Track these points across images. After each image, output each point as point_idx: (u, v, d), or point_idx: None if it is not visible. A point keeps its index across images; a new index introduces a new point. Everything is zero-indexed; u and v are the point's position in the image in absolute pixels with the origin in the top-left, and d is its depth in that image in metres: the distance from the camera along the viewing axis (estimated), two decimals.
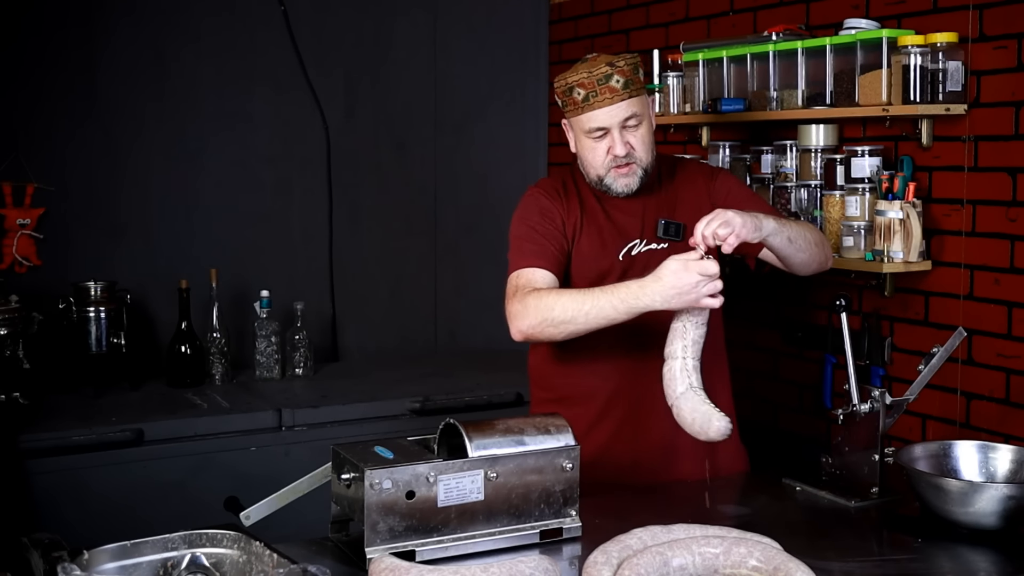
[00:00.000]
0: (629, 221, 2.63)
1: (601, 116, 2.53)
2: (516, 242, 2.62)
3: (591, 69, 2.52)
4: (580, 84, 2.53)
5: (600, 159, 2.56)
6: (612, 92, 2.51)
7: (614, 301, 2.38)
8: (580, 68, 2.55)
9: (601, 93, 2.51)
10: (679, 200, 2.66)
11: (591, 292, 2.41)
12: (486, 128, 4.47)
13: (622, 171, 2.56)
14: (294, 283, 4.10)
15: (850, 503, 2.45)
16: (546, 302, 2.43)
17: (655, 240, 2.62)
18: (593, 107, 2.53)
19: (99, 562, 1.89)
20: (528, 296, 2.46)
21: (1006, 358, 2.80)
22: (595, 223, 2.63)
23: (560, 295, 2.44)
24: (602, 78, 2.51)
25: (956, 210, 2.91)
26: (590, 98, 2.52)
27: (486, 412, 3.57)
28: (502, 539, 2.11)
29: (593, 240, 2.62)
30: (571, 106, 2.57)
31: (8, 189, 3.67)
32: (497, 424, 2.16)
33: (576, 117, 2.57)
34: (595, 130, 2.54)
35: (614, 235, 2.63)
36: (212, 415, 3.38)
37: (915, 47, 2.83)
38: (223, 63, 3.99)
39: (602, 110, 2.52)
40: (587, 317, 2.40)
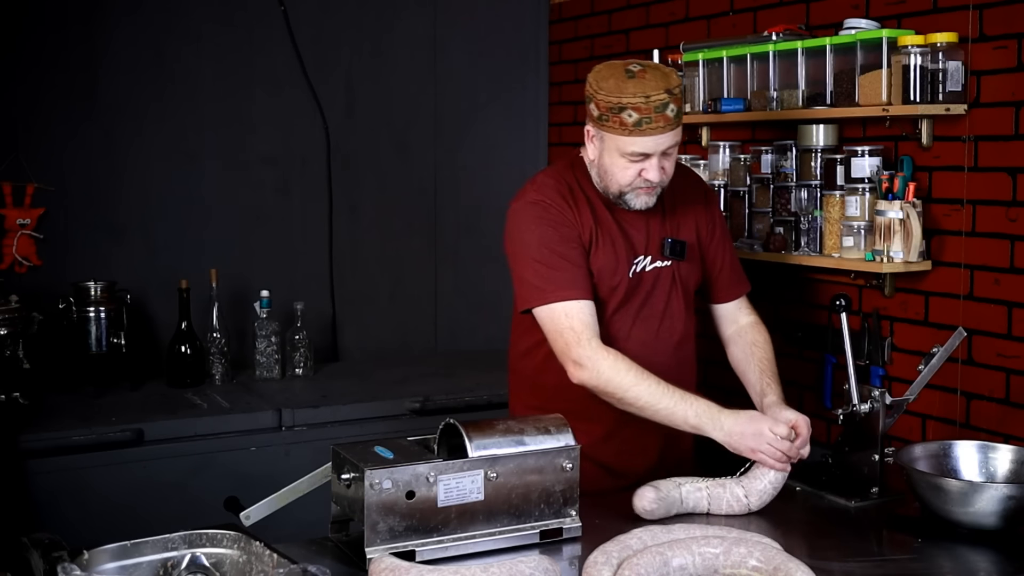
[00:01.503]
0: (637, 235, 2.58)
1: (648, 143, 2.40)
2: (542, 267, 2.47)
3: (647, 93, 2.36)
4: (635, 107, 2.36)
5: (629, 179, 2.46)
6: (666, 121, 2.39)
7: (689, 416, 2.39)
8: (631, 86, 2.37)
9: (655, 121, 2.37)
10: (680, 216, 2.64)
11: (670, 393, 2.39)
12: (486, 128, 4.47)
13: (645, 190, 2.49)
14: (294, 283, 4.10)
15: (850, 503, 2.45)
16: (625, 379, 2.39)
17: (660, 257, 2.60)
18: (644, 133, 2.39)
19: (99, 562, 1.89)
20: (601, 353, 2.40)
21: (1006, 358, 2.80)
22: (609, 235, 2.55)
23: (640, 379, 2.39)
24: (660, 106, 2.37)
25: (956, 210, 2.91)
26: (643, 124, 2.38)
27: (486, 412, 3.57)
28: (502, 539, 2.11)
29: (608, 254, 2.54)
30: (616, 125, 2.40)
31: (8, 189, 3.67)
32: (497, 424, 2.16)
33: (618, 137, 2.41)
34: (636, 154, 2.42)
35: (625, 249, 2.56)
36: (212, 415, 3.38)
37: (915, 47, 2.83)
38: (223, 63, 3.99)
39: (651, 138, 2.40)
40: (655, 415, 2.41)
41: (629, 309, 2.57)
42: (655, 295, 2.59)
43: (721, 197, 3.41)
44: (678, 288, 2.62)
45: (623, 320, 2.57)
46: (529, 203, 2.53)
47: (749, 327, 2.74)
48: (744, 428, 2.37)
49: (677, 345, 2.64)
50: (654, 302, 2.59)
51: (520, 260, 2.51)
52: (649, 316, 2.59)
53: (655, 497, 2.26)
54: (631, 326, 2.57)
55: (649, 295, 2.59)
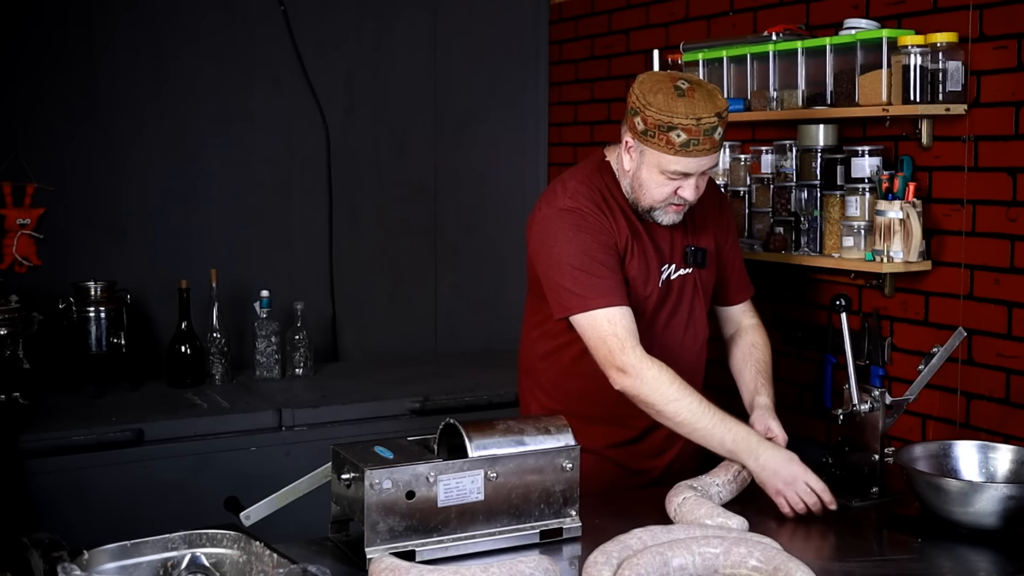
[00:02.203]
0: (663, 244, 2.60)
1: (691, 164, 2.40)
2: (582, 275, 2.44)
3: (699, 115, 2.34)
4: (685, 128, 2.34)
5: (664, 195, 2.46)
6: (712, 144, 2.38)
7: (726, 441, 2.38)
8: (681, 106, 2.34)
9: (703, 143, 2.36)
10: (699, 223, 2.66)
11: (711, 414, 2.38)
12: (486, 128, 4.47)
13: (676, 208, 2.49)
14: (294, 283, 4.10)
15: (850, 503, 2.45)
16: (668, 392, 2.38)
17: (682, 265, 2.62)
18: (690, 155, 2.37)
19: (99, 562, 1.89)
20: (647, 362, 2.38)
21: (1006, 358, 2.80)
22: (641, 245, 2.55)
23: (682, 394, 2.37)
24: (709, 129, 2.35)
25: (956, 210, 2.91)
26: (691, 145, 2.36)
27: (486, 412, 3.57)
28: (502, 539, 2.11)
29: (641, 265, 2.55)
30: (662, 143, 2.37)
31: (8, 189, 3.67)
32: (497, 424, 2.16)
33: (662, 155, 2.39)
34: (677, 173, 2.41)
35: (655, 259, 2.58)
36: (212, 415, 3.38)
37: (915, 47, 2.83)
38: (223, 63, 3.99)
39: (696, 159, 2.39)
40: (692, 432, 2.41)
41: (660, 317, 2.60)
42: (682, 303, 2.63)
43: None
44: (700, 295, 2.66)
45: (653, 328, 2.58)
46: (564, 210, 2.49)
47: (750, 329, 2.79)
48: (780, 467, 2.37)
49: (699, 352, 2.69)
50: (681, 310, 2.63)
51: (557, 267, 2.47)
52: (676, 324, 2.62)
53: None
54: (662, 334, 2.60)
55: (677, 303, 2.62)
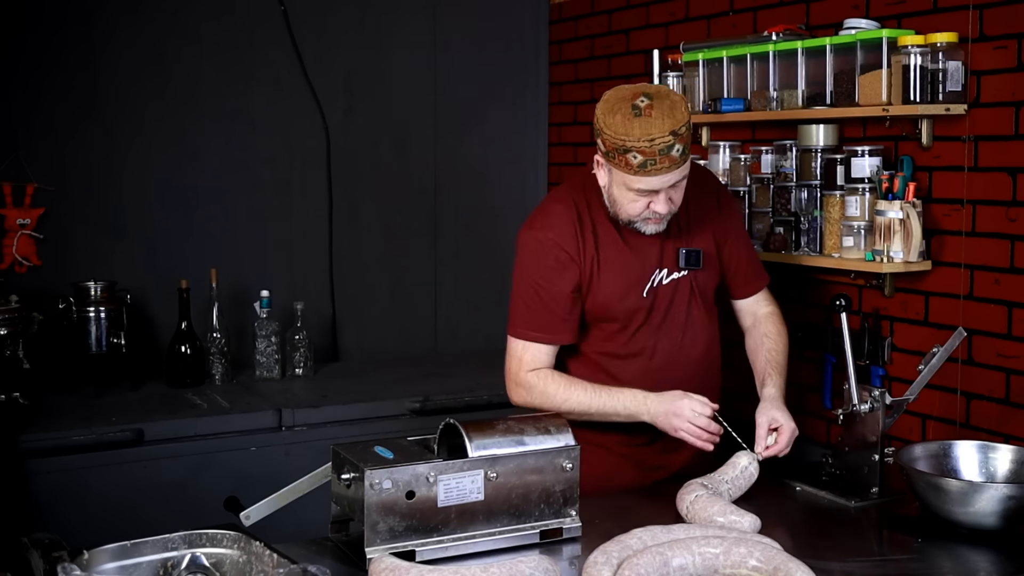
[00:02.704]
0: (650, 250, 2.60)
1: (654, 182, 2.42)
2: (522, 304, 2.60)
3: (652, 135, 2.34)
4: (639, 150, 2.35)
5: (638, 211, 2.49)
6: (671, 162, 2.38)
7: (619, 408, 2.56)
8: (636, 127, 2.35)
9: (660, 162, 2.37)
10: (693, 224, 2.66)
11: (599, 392, 2.56)
12: (486, 128, 4.47)
13: (655, 220, 2.52)
14: (294, 283, 4.10)
15: (850, 503, 2.45)
16: (555, 396, 2.55)
17: (675, 268, 2.63)
18: (649, 174, 2.39)
19: (99, 562, 1.89)
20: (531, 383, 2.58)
21: (1006, 358, 2.80)
22: (615, 256, 2.58)
23: (570, 389, 2.56)
24: (664, 148, 2.35)
25: (956, 210, 2.91)
26: (648, 165, 2.38)
27: (486, 412, 3.57)
28: (502, 539, 2.12)
29: (616, 277, 2.57)
30: (621, 164, 2.40)
31: (8, 189, 3.67)
32: (497, 424, 2.16)
33: (624, 175, 2.42)
34: (642, 191, 2.44)
35: (636, 269, 2.59)
36: (212, 415, 3.38)
37: (915, 47, 2.83)
38: (223, 63, 3.99)
39: (657, 177, 2.40)
40: (593, 415, 2.57)
41: (650, 325, 2.62)
42: (675, 307, 2.63)
43: None
44: (697, 297, 2.66)
45: (645, 337, 2.62)
46: (534, 238, 2.60)
47: (765, 318, 2.79)
48: (667, 405, 2.52)
49: (702, 355, 2.68)
50: (674, 314, 2.63)
51: (513, 289, 2.64)
52: (671, 329, 2.63)
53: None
54: (655, 342, 2.62)
55: (669, 308, 2.62)
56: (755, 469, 2.44)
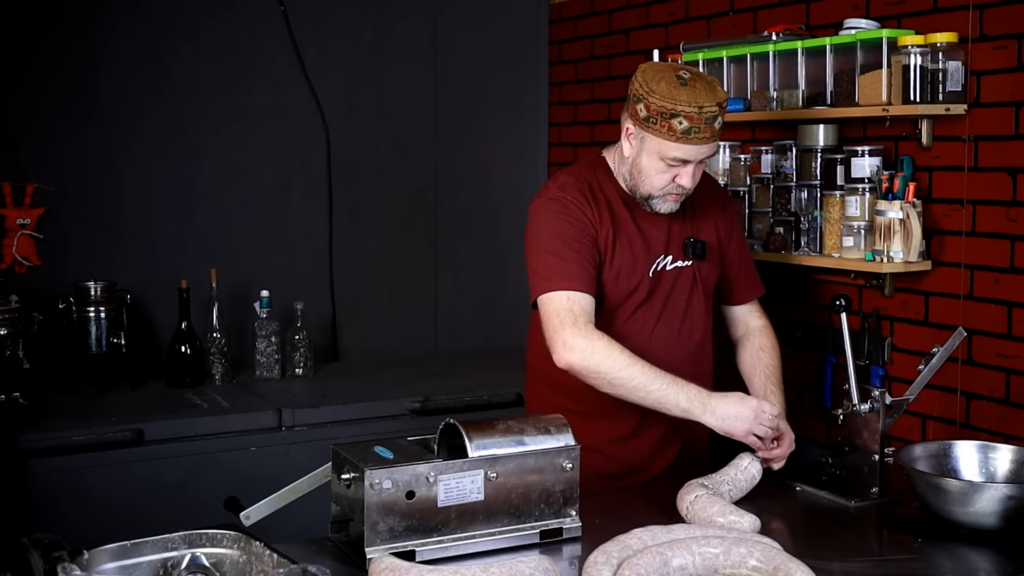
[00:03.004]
0: (657, 235, 2.62)
1: (691, 151, 2.44)
2: (552, 258, 2.50)
3: (700, 103, 2.39)
4: (687, 116, 2.39)
5: (663, 183, 2.50)
6: (712, 133, 2.43)
7: (680, 400, 2.41)
8: (684, 94, 2.39)
9: (704, 131, 2.41)
10: (699, 216, 2.68)
11: (662, 377, 2.41)
12: (486, 128, 4.47)
13: (675, 196, 2.54)
14: (294, 283, 4.10)
15: (850, 503, 2.45)
16: (617, 360, 2.40)
17: (681, 257, 2.63)
18: (691, 142, 2.42)
19: (99, 562, 1.89)
20: (595, 336, 2.42)
21: (1006, 358, 2.80)
22: (627, 235, 2.59)
23: (632, 361, 2.40)
24: (710, 117, 2.40)
25: (956, 210, 2.91)
26: (692, 132, 2.41)
27: (486, 412, 3.57)
28: (502, 539, 2.11)
29: (626, 255, 2.58)
30: (664, 130, 2.42)
31: (8, 189, 3.67)
32: (497, 424, 2.16)
33: (663, 141, 2.44)
34: (677, 160, 2.46)
35: (644, 249, 2.60)
36: (212, 415, 3.38)
37: (915, 47, 2.83)
38: (223, 63, 3.99)
39: (695, 147, 2.44)
40: (646, 396, 2.42)
41: (651, 308, 2.61)
42: (676, 294, 2.63)
43: None
44: (699, 288, 2.66)
45: (645, 319, 2.61)
46: (550, 199, 2.56)
47: (759, 331, 2.79)
48: (737, 411, 2.42)
49: (697, 345, 2.68)
50: (675, 301, 2.64)
51: (533, 252, 2.54)
52: (671, 315, 2.63)
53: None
54: (653, 325, 2.62)
55: (670, 294, 2.63)
56: (756, 470, 2.44)
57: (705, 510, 2.21)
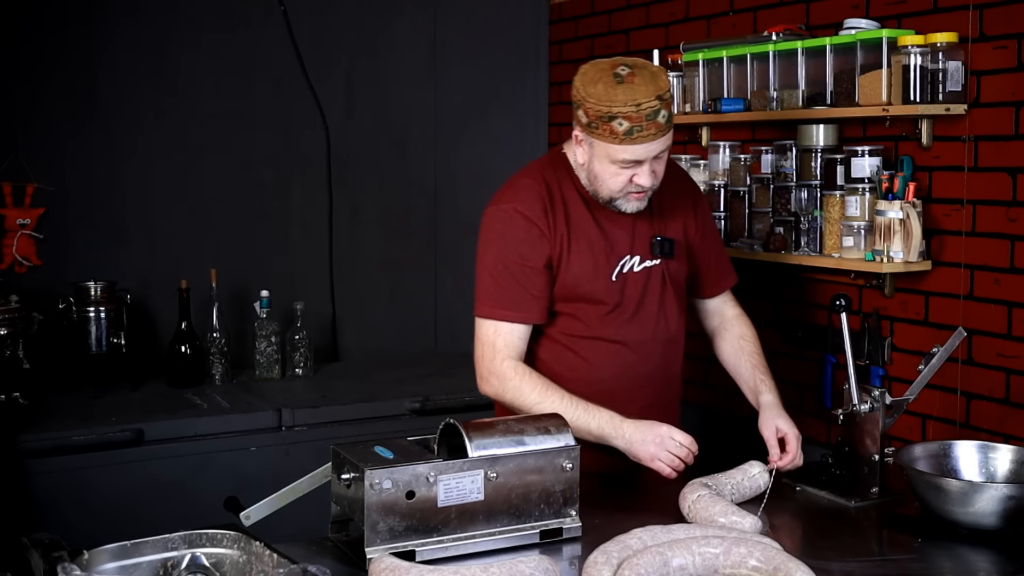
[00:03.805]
0: (621, 235, 2.55)
1: (639, 151, 2.36)
2: (491, 280, 2.49)
3: (638, 100, 2.31)
4: (626, 116, 2.31)
5: (620, 184, 2.43)
6: (657, 128, 2.33)
7: (592, 427, 2.44)
8: (620, 93, 2.32)
9: (646, 129, 2.32)
10: (667, 212, 2.61)
11: (575, 405, 2.43)
12: (486, 128, 4.47)
13: (638, 195, 2.46)
14: (294, 283, 4.10)
15: (850, 503, 2.45)
16: (528, 396, 2.44)
17: (648, 256, 2.57)
18: (635, 141, 2.34)
19: (99, 562, 1.89)
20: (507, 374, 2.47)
21: (1006, 358, 2.80)
22: (585, 237, 2.52)
23: (546, 393, 2.44)
24: (651, 113, 2.31)
25: (956, 210, 2.91)
26: (634, 132, 2.33)
27: (486, 412, 3.55)
28: (502, 539, 2.11)
29: (584, 258, 2.52)
30: (606, 133, 2.35)
31: (8, 189, 3.67)
32: (497, 424, 2.16)
33: (608, 145, 2.37)
34: (627, 161, 2.38)
35: (606, 251, 2.53)
36: (212, 415, 3.38)
37: (915, 47, 2.83)
38: (223, 63, 3.99)
39: (643, 145, 2.35)
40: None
41: (623, 311, 2.56)
42: (648, 295, 2.58)
43: (721, 197, 3.41)
44: (669, 286, 2.61)
45: (616, 322, 2.56)
46: (502, 210, 2.51)
47: (734, 320, 2.75)
48: (644, 435, 2.42)
49: (668, 344, 2.63)
50: (648, 303, 2.59)
51: (479, 267, 2.54)
52: (645, 318, 2.58)
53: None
54: (626, 328, 2.57)
55: (643, 296, 2.58)
56: (764, 480, 2.41)
57: (707, 510, 2.21)
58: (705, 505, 2.22)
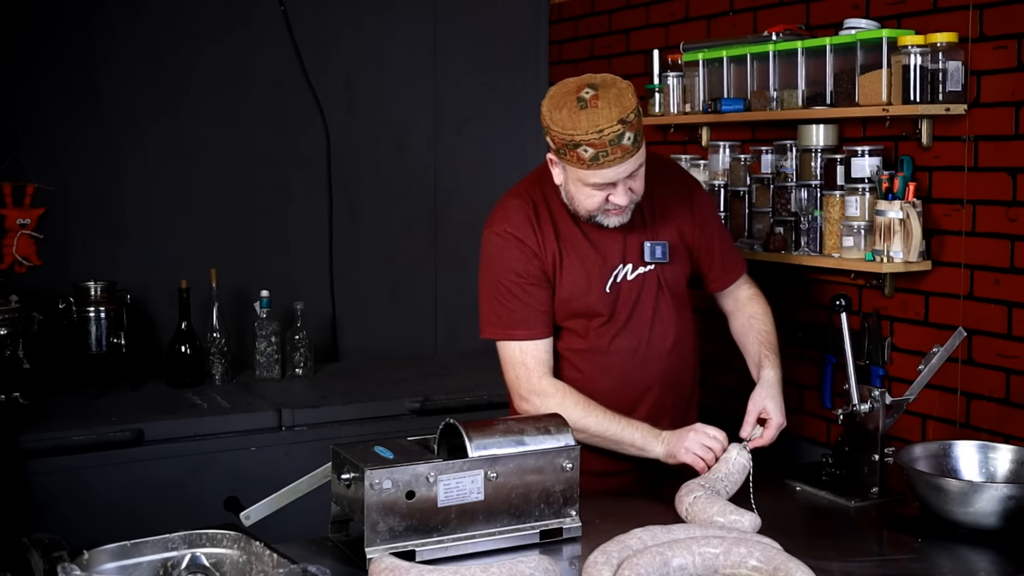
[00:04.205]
0: (612, 245, 2.55)
1: (609, 174, 2.35)
2: (496, 302, 2.51)
3: (600, 127, 2.28)
4: (589, 143, 2.30)
5: (596, 204, 2.43)
6: (624, 151, 2.32)
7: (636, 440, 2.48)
8: (583, 120, 2.29)
9: (612, 153, 2.31)
10: (659, 217, 2.60)
11: (616, 421, 2.48)
12: (486, 128, 4.47)
13: (616, 212, 2.46)
14: (294, 283, 4.10)
15: (850, 503, 2.45)
16: (571, 414, 2.39)
17: (641, 263, 2.57)
18: (603, 166, 2.33)
19: (99, 562, 1.89)
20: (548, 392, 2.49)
21: (1006, 358, 2.80)
22: (576, 251, 2.53)
23: (588, 412, 2.47)
24: (614, 138, 2.29)
25: (956, 210, 2.91)
26: (600, 158, 2.32)
27: (486, 412, 3.57)
28: (502, 539, 2.12)
29: (576, 273, 2.52)
30: (573, 159, 2.35)
31: (8, 189, 3.67)
32: (497, 424, 2.16)
33: (577, 170, 2.37)
34: (600, 184, 2.38)
35: (598, 264, 2.54)
36: (212, 415, 3.38)
37: (915, 47, 2.83)
38: (223, 63, 3.99)
39: (611, 169, 2.34)
40: (605, 441, 2.50)
41: (615, 322, 2.56)
42: (641, 303, 2.57)
43: (721, 197, 3.40)
44: (665, 292, 2.60)
45: (607, 333, 2.56)
46: (494, 233, 2.53)
47: (748, 300, 2.74)
48: (680, 438, 2.46)
49: (671, 350, 2.62)
50: (641, 311, 2.57)
51: (483, 290, 2.56)
52: (638, 326, 2.57)
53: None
54: (617, 339, 2.56)
55: (636, 305, 2.57)
56: (746, 459, 2.40)
57: (705, 511, 2.21)
58: (703, 507, 2.22)
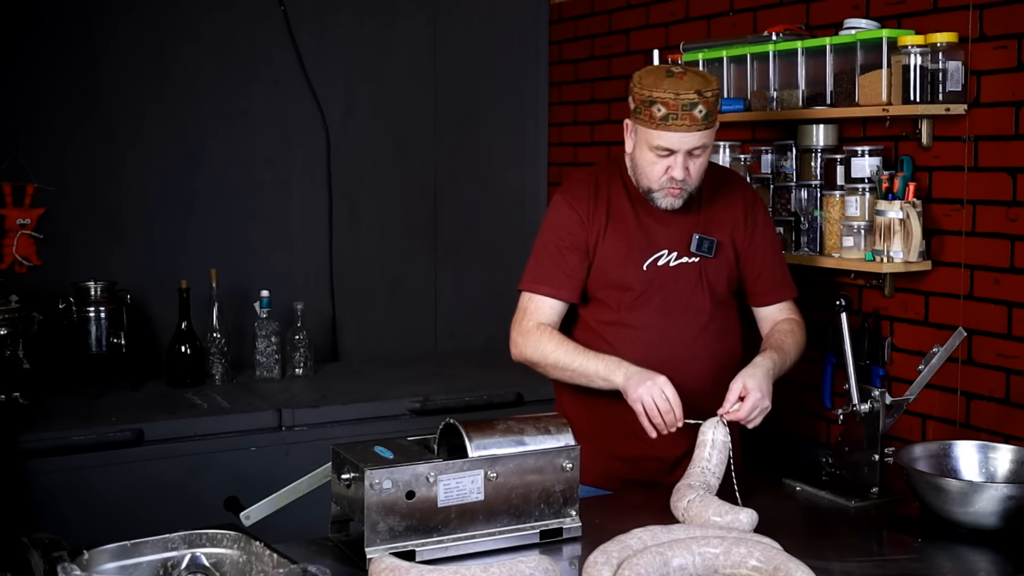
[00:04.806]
0: (660, 231, 2.66)
1: (673, 139, 2.51)
2: (536, 255, 2.71)
3: (678, 90, 2.47)
4: (663, 102, 2.48)
5: (657, 174, 2.57)
6: (692, 121, 2.48)
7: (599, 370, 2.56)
8: (666, 83, 2.49)
9: (681, 118, 2.48)
10: (715, 218, 2.70)
11: (583, 354, 2.59)
12: (486, 128, 4.47)
13: (673, 191, 2.58)
14: (294, 283, 4.10)
15: (850, 503, 2.45)
16: (543, 348, 2.62)
17: (687, 253, 2.67)
18: (670, 128, 2.49)
19: (99, 562, 1.89)
20: (531, 331, 2.65)
21: (1006, 358, 2.80)
22: (623, 228, 2.66)
23: (559, 345, 2.61)
24: (688, 104, 2.47)
25: (956, 210, 2.91)
26: (669, 119, 2.49)
27: (486, 412, 3.57)
28: (502, 539, 2.12)
29: (618, 247, 2.65)
30: (646, 118, 2.52)
31: (8, 189, 3.67)
32: (497, 424, 2.16)
33: (647, 130, 2.53)
34: (662, 149, 2.52)
35: (641, 243, 2.66)
36: (212, 415, 3.38)
37: (915, 47, 2.83)
38: (223, 63, 3.99)
39: (676, 134, 2.50)
40: (571, 373, 2.61)
41: (645, 298, 2.65)
42: (678, 289, 2.66)
43: None
44: (704, 285, 2.67)
45: (637, 307, 2.65)
46: (554, 200, 2.74)
47: (784, 322, 2.76)
48: (642, 376, 2.48)
49: (699, 334, 2.66)
50: (677, 295, 2.66)
51: (535, 246, 2.74)
52: (670, 308, 2.66)
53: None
54: (651, 316, 2.65)
55: (672, 289, 2.66)
56: (724, 435, 2.38)
57: (701, 514, 2.20)
58: (699, 510, 2.21)
